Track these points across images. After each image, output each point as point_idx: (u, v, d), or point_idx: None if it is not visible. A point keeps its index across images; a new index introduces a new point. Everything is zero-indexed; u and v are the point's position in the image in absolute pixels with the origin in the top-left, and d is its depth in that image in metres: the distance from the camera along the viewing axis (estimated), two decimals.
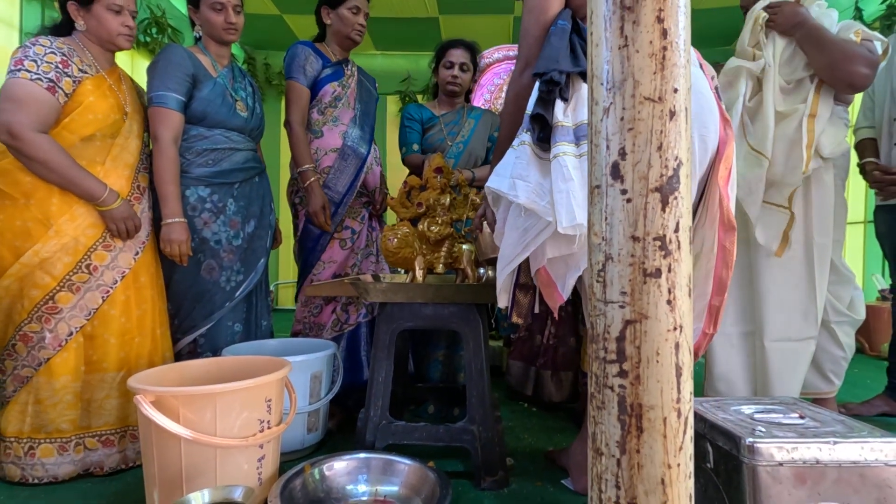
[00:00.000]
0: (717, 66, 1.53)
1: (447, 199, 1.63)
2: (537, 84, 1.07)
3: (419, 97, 4.56)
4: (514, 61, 2.91)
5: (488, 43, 2.96)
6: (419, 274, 1.57)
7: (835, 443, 0.85)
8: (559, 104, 1.04)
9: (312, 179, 1.81)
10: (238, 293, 1.71)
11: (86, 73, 1.45)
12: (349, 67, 1.96)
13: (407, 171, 2.17)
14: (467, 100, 2.28)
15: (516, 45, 2.81)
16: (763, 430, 0.90)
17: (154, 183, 1.59)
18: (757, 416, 0.98)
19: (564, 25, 1.08)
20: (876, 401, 2.02)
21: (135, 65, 3.19)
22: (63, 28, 1.51)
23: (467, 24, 3.89)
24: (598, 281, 0.44)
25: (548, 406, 1.99)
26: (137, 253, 1.52)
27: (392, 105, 4.75)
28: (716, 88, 1.10)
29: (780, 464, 0.84)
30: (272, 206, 1.87)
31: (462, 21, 3.88)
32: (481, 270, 1.65)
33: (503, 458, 1.44)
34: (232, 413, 1.19)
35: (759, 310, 1.51)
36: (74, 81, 1.42)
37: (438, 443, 1.42)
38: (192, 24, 1.71)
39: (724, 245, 1.04)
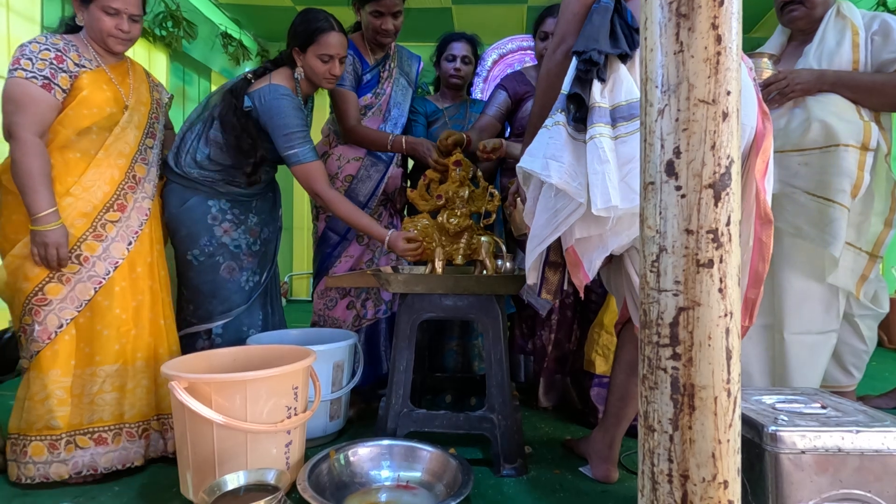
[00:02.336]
0: None
1: (466, 192, 1.65)
2: (574, 63, 1.07)
3: (432, 88, 4.60)
4: (527, 52, 2.87)
5: (501, 33, 2.95)
6: (438, 265, 1.60)
7: (857, 431, 0.86)
8: (596, 84, 1.03)
9: (403, 139, 1.80)
10: (256, 291, 1.77)
11: (84, 67, 1.43)
12: (387, 68, 1.95)
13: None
14: (468, 92, 2.27)
15: (529, 36, 2.80)
16: (785, 418, 0.92)
17: (350, 223, 1.67)
18: (779, 405, 1.00)
19: (608, 4, 1.07)
20: (894, 393, 2.02)
21: (152, 60, 3.22)
22: (77, 25, 1.52)
23: (480, 14, 3.87)
24: (651, 271, 0.46)
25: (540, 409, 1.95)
26: (131, 243, 1.48)
27: None
28: (753, 79, 1.10)
29: (803, 451, 0.86)
30: (280, 211, 1.93)
31: (475, 11, 3.85)
32: (499, 262, 1.67)
33: (522, 446, 1.47)
34: (261, 399, 1.23)
35: (780, 302, 1.51)
36: (71, 76, 1.41)
37: (458, 430, 1.45)
38: (292, 63, 1.71)
39: (760, 238, 1.05)
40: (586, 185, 1.01)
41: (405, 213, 2.10)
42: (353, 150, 1.89)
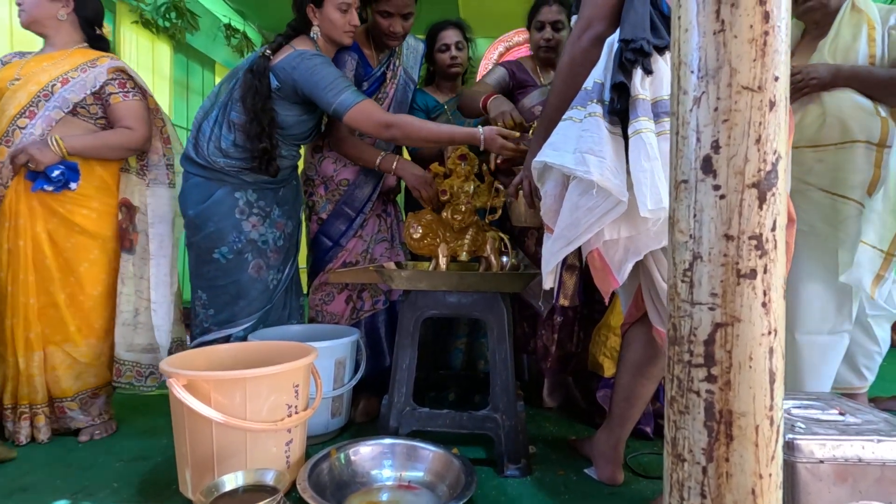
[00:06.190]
0: None
1: (471, 187, 1.61)
2: (606, 51, 1.00)
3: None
4: None
5: (508, 25, 2.88)
6: (442, 262, 1.56)
7: (879, 441, 0.83)
8: (637, 76, 0.96)
9: (394, 162, 1.73)
10: (278, 290, 1.74)
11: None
12: (391, 67, 1.86)
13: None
14: (464, 82, 2.19)
15: None
16: (803, 426, 0.88)
17: (433, 141, 1.59)
18: (795, 411, 0.96)
19: None
20: None
21: (155, 51, 3.18)
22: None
23: (486, 4, 3.81)
24: (683, 281, 0.41)
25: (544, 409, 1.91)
26: None
27: None
28: None
29: (821, 461, 0.83)
30: (302, 204, 1.87)
31: (481, 1, 3.79)
32: (505, 259, 1.63)
33: (526, 447, 1.44)
34: (261, 397, 1.21)
35: (791, 302, 1.48)
36: None
37: (462, 430, 1.42)
38: (307, 25, 1.64)
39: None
40: (627, 184, 0.94)
41: (398, 201, 2.05)
42: None
